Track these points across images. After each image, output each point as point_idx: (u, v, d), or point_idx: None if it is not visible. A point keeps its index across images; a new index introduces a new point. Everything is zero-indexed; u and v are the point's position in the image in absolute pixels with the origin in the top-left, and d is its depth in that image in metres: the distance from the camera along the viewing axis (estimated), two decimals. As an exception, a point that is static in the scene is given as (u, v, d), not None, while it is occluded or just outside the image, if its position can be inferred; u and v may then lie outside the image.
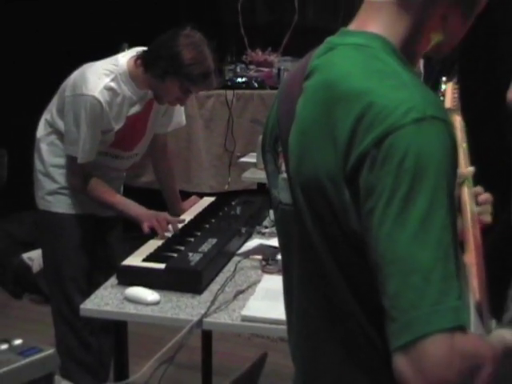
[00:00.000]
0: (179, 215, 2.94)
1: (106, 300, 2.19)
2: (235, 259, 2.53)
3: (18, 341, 1.62)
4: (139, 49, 2.68)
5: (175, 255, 2.40)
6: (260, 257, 2.48)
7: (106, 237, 2.97)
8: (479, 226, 1.38)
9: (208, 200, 3.20)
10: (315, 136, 1.07)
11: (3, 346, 1.58)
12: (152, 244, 2.54)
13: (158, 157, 3.09)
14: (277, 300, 1.73)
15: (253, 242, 2.61)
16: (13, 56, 4.87)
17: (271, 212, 2.59)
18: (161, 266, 2.29)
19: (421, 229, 0.94)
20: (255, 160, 3.97)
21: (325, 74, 1.10)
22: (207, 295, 2.21)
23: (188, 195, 3.25)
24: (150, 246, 2.50)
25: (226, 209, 3.01)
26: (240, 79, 4.92)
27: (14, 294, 4.55)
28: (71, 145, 2.68)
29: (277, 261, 2.34)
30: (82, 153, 2.65)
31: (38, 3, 4.80)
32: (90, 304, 2.18)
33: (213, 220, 2.85)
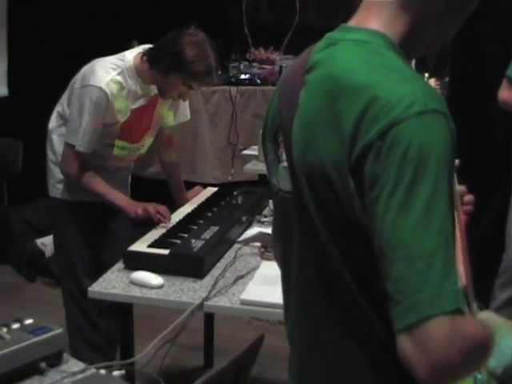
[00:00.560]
0: (184, 204, 3.00)
1: (113, 283, 2.25)
2: (236, 246, 2.59)
3: (29, 320, 1.71)
4: (146, 46, 2.72)
5: (179, 242, 2.45)
6: (259, 244, 2.53)
7: (113, 223, 2.99)
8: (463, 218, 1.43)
9: (211, 190, 3.25)
10: (320, 127, 1.08)
11: (15, 326, 1.67)
12: (157, 231, 2.59)
13: (164, 149, 3.13)
14: (274, 285, 1.77)
15: (253, 230, 2.66)
16: (28, 52, 4.89)
17: (271, 202, 2.63)
18: (165, 252, 2.34)
19: (424, 216, 0.96)
20: (257, 153, 4.03)
21: (328, 68, 1.11)
22: (208, 280, 2.27)
23: (193, 185, 3.30)
24: (155, 233, 2.55)
25: (228, 198, 3.05)
26: (243, 76, 4.97)
27: (28, 277, 4.64)
28: (72, 134, 2.69)
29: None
30: (81, 141, 2.66)
31: (57, 2, 4.85)
32: (98, 287, 2.24)
33: (215, 209, 2.90)
